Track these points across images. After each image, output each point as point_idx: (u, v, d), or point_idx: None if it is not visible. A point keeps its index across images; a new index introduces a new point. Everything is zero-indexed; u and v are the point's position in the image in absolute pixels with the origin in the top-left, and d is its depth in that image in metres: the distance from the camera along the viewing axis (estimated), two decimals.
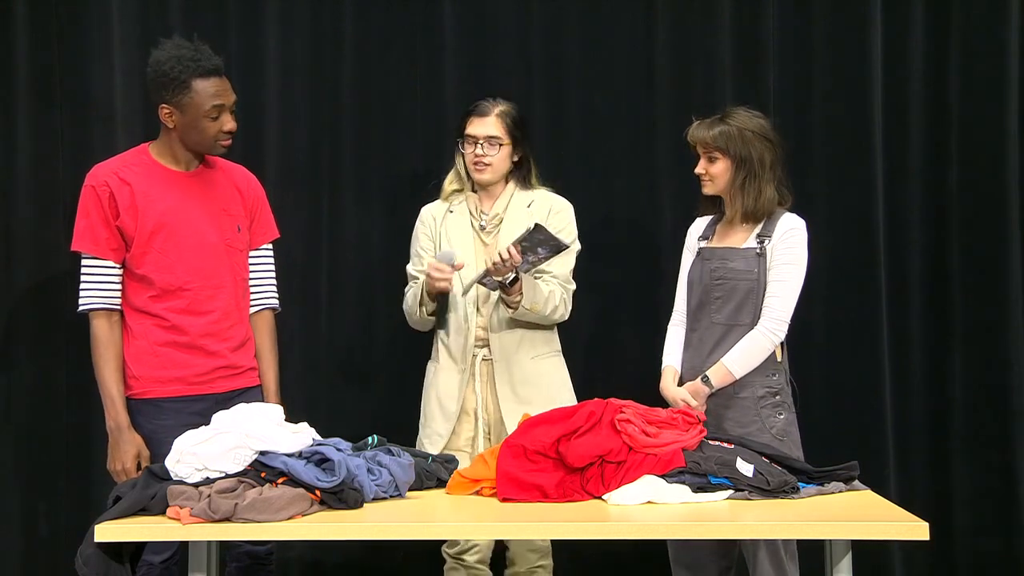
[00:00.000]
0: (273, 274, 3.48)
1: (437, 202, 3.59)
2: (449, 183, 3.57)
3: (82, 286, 3.24)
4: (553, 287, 3.43)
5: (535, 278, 3.40)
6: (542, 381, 3.45)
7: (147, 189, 3.21)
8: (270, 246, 3.47)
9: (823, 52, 4.19)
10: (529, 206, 3.49)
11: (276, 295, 3.49)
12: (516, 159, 3.51)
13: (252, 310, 3.42)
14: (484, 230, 3.49)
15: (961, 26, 4.17)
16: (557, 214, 3.49)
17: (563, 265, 3.46)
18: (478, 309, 3.45)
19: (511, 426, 3.32)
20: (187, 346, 3.22)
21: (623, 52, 4.21)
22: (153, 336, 3.21)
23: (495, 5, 4.21)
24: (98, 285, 3.22)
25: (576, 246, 3.53)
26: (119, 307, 3.24)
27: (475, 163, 3.46)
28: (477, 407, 3.44)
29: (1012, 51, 4.15)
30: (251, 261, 3.41)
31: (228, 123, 3.21)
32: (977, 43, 4.17)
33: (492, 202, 3.52)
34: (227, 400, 3.18)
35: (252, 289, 3.42)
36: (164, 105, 3.18)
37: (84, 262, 3.25)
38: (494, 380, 3.44)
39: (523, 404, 3.33)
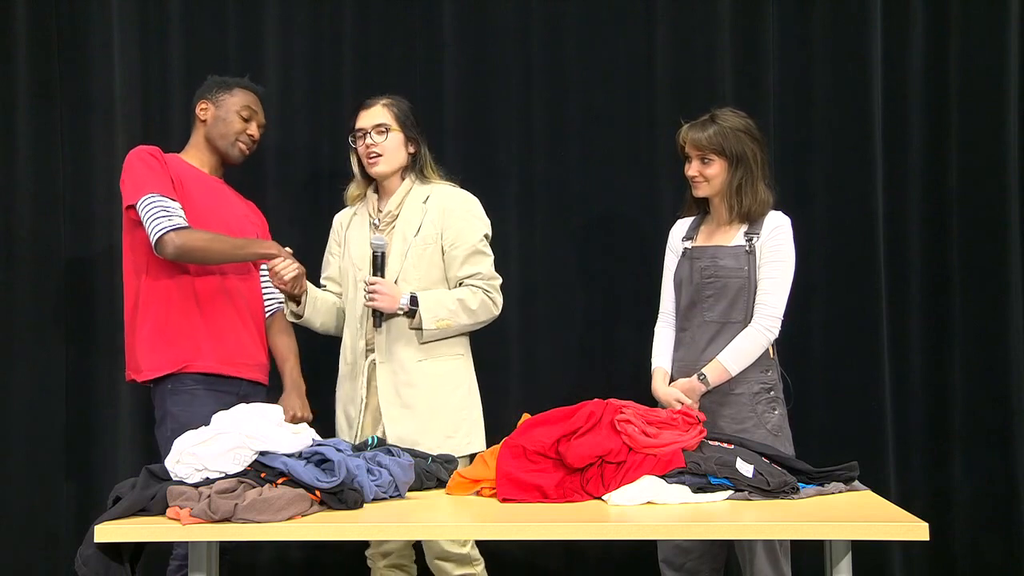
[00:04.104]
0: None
1: (347, 208, 3.59)
2: (355, 188, 3.54)
3: (154, 217, 3.20)
4: (468, 292, 3.36)
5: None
6: (430, 383, 3.35)
7: (184, 180, 3.35)
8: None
9: (823, 52, 4.19)
10: (425, 201, 3.42)
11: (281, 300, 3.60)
12: (411, 151, 3.45)
13: (267, 311, 3.55)
14: (377, 227, 3.44)
15: (961, 26, 4.17)
16: (452, 212, 3.40)
17: (477, 263, 3.40)
18: (369, 313, 3.39)
19: (391, 429, 3.31)
20: (207, 329, 3.31)
21: (623, 52, 4.21)
22: (190, 315, 3.30)
23: (495, 5, 4.22)
24: (173, 213, 3.22)
25: (480, 232, 3.43)
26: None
27: (367, 155, 3.42)
28: (361, 410, 3.39)
29: (1012, 51, 4.16)
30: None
31: (253, 128, 3.49)
32: (977, 43, 4.17)
33: (388, 200, 3.47)
34: (244, 396, 3.28)
35: (264, 291, 3.53)
36: (203, 101, 3.45)
37: (148, 202, 3.22)
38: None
39: (407, 408, 3.32)
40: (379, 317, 3.34)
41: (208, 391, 3.27)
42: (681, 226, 3.44)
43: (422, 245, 3.38)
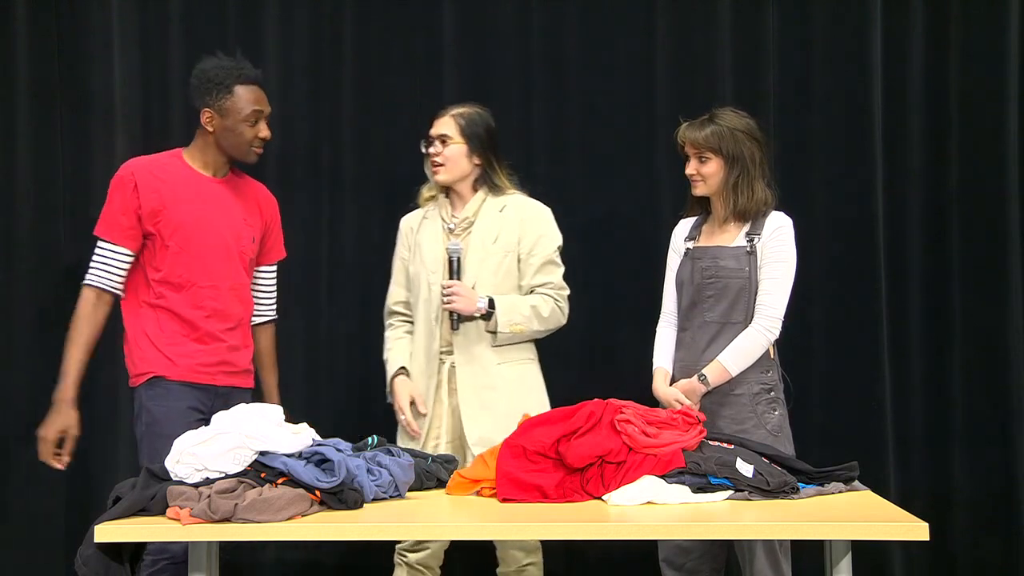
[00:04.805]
0: (275, 290, 3.59)
1: (416, 211, 3.62)
2: (427, 190, 3.59)
3: (91, 264, 3.31)
4: (540, 300, 3.44)
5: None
6: (510, 387, 3.41)
7: (175, 188, 3.31)
8: (276, 264, 3.58)
9: (823, 52, 4.19)
10: (502, 211, 3.48)
11: (275, 309, 3.60)
12: (477, 163, 3.49)
13: (257, 320, 3.53)
14: (452, 232, 3.49)
15: (961, 26, 4.18)
16: (530, 222, 3.48)
17: (550, 273, 3.47)
18: (444, 315, 3.42)
19: (471, 431, 3.35)
20: (195, 339, 3.30)
21: (623, 52, 4.21)
22: (164, 327, 3.29)
23: (495, 5, 4.22)
24: (103, 266, 3.29)
25: (556, 243, 3.50)
26: (115, 291, 3.31)
27: (431, 163, 3.50)
28: (443, 412, 3.42)
29: (1012, 51, 4.16)
30: (260, 276, 3.53)
31: (264, 130, 3.37)
32: (977, 43, 4.18)
33: (463, 206, 3.52)
34: (225, 395, 3.30)
35: (259, 302, 3.53)
36: (206, 109, 3.32)
37: (99, 244, 3.31)
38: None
39: (487, 409, 3.35)
40: (456, 319, 3.39)
41: (184, 388, 3.27)
42: (684, 226, 3.44)
43: (501, 252, 3.44)
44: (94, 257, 3.30)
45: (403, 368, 3.48)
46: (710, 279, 3.28)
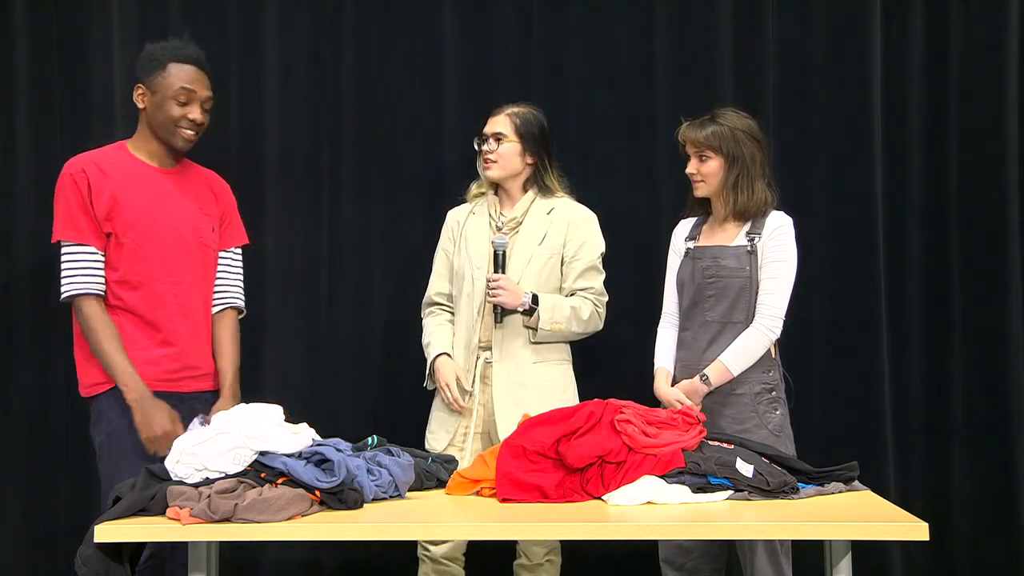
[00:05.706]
0: (240, 276, 3.49)
1: (463, 205, 3.67)
2: (476, 186, 3.66)
3: (64, 274, 3.18)
4: (580, 302, 3.49)
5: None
6: (542, 386, 3.45)
7: (126, 182, 3.22)
8: (239, 249, 3.50)
9: (823, 52, 4.19)
10: (549, 213, 3.53)
11: (241, 297, 3.49)
12: (530, 162, 3.54)
13: (215, 309, 3.42)
14: (500, 230, 3.54)
15: (961, 26, 4.17)
16: (577, 226, 3.54)
17: (591, 279, 3.53)
18: (487, 310, 3.46)
19: (503, 427, 3.37)
20: (159, 342, 3.24)
21: (623, 52, 4.21)
22: (125, 330, 3.20)
23: (495, 5, 4.21)
24: (82, 270, 3.17)
25: (599, 250, 3.58)
26: (104, 293, 3.20)
27: (484, 159, 3.55)
28: (474, 407, 3.46)
29: (1012, 51, 4.15)
30: (218, 262, 3.43)
31: (194, 112, 3.24)
32: (977, 43, 4.17)
33: (512, 205, 3.57)
34: (192, 400, 3.24)
35: (216, 288, 3.42)
36: (139, 85, 3.25)
37: (65, 250, 3.19)
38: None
39: (519, 407, 3.35)
40: (501, 313, 3.43)
41: None
42: (684, 226, 3.45)
43: (547, 254, 3.50)
44: (65, 264, 3.17)
45: (445, 352, 3.50)
46: (711, 279, 3.28)
